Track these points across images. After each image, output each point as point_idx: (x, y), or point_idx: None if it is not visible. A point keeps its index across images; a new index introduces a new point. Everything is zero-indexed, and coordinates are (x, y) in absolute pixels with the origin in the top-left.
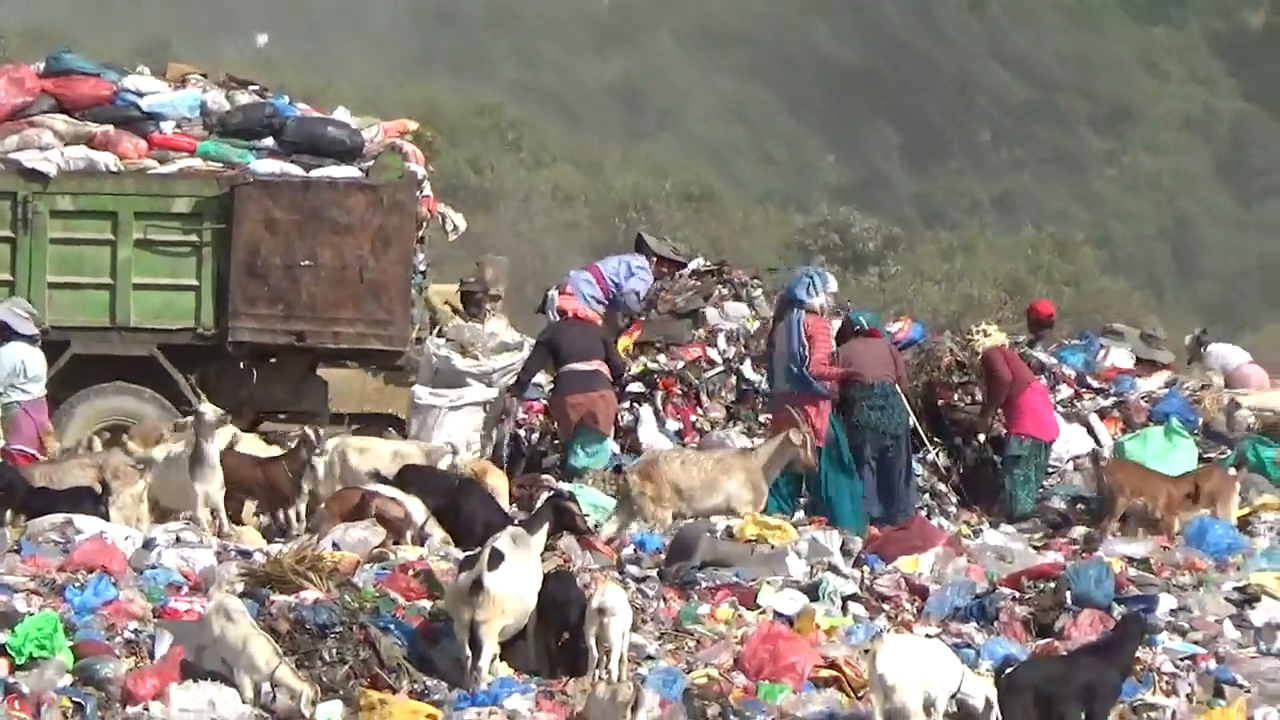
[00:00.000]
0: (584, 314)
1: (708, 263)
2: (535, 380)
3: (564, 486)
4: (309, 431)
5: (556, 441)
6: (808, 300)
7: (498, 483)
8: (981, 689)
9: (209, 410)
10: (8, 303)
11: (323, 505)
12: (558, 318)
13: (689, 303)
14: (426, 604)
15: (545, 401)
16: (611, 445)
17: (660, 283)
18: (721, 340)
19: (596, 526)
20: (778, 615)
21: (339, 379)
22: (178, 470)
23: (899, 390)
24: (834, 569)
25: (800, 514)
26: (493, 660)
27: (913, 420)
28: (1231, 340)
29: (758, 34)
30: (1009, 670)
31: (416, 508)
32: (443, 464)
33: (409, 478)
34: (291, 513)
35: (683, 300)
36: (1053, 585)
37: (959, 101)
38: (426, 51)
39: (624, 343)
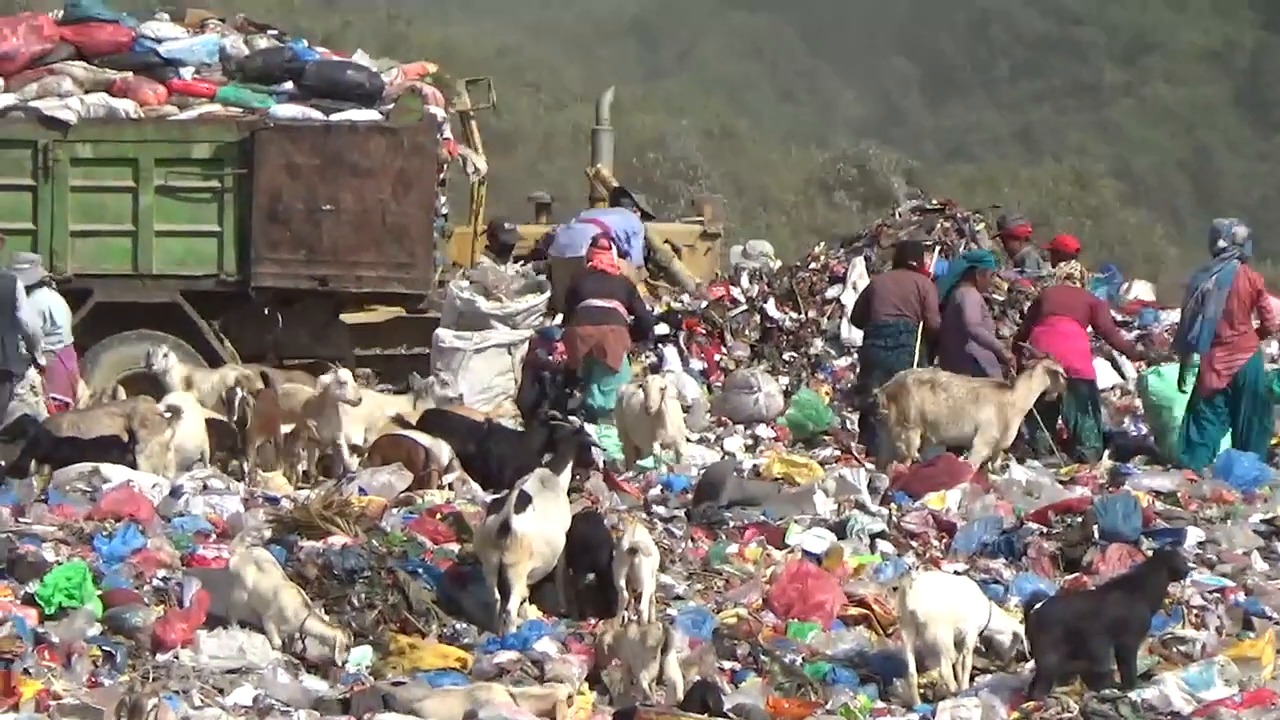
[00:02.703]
0: (614, 269)
1: (934, 200)
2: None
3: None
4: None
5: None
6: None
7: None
8: (1010, 625)
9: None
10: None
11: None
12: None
13: (912, 237)
14: (455, 547)
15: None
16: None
17: (881, 219)
18: (745, 279)
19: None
20: (806, 554)
21: None
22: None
23: (914, 330)
24: (861, 507)
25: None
26: (522, 603)
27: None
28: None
29: None
30: (1037, 606)
31: (443, 451)
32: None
33: (433, 421)
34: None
35: (905, 235)
36: (1080, 520)
37: (976, 35)
38: None
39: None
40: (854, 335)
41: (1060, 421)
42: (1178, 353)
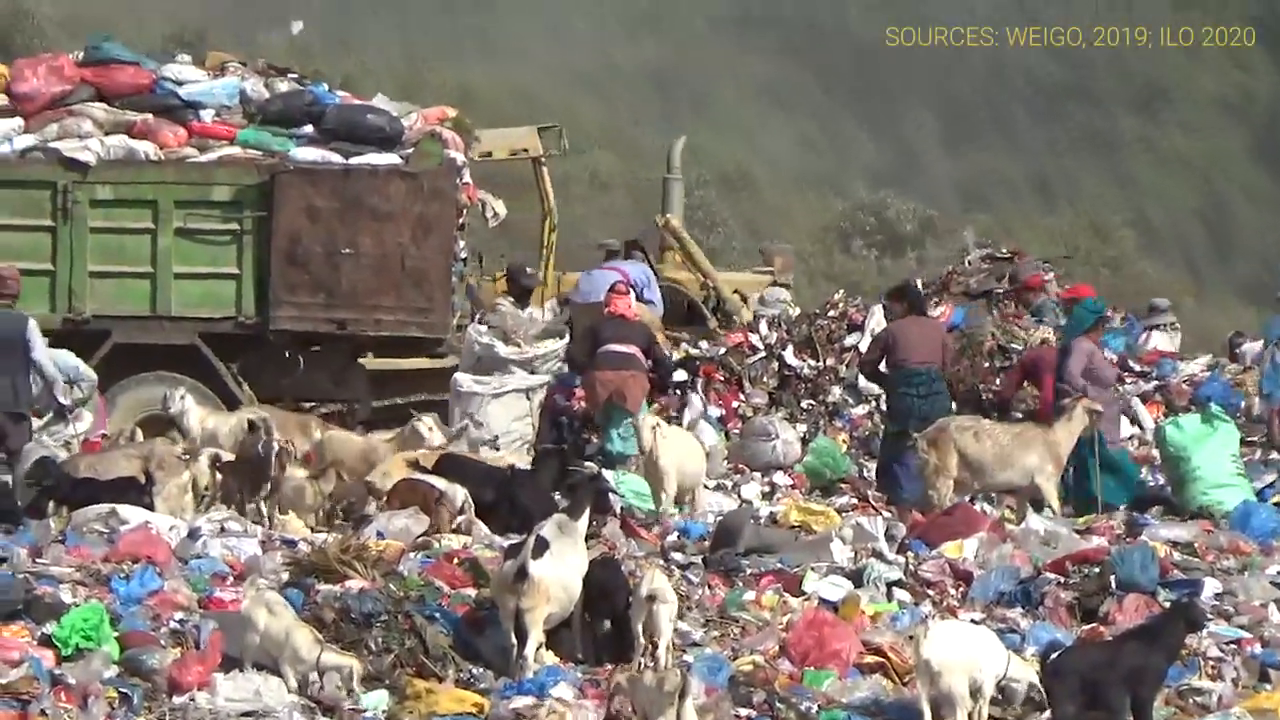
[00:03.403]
0: (633, 315)
1: (1003, 249)
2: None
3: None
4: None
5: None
6: None
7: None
8: (1026, 674)
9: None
10: None
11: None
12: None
13: (981, 285)
14: (472, 592)
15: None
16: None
17: (951, 266)
18: (764, 326)
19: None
20: (822, 601)
21: None
22: None
23: (941, 377)
24: (878, 555)
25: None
26: (538, 648)
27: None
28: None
29: (791, 15)
30: (1054, 655)
31: (458, 495)
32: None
33: (450, 466)
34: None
35: (975, 283)
36: (1097, 570)
37: (994, 84)
38: (459, 36)
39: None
40: (870, 383)
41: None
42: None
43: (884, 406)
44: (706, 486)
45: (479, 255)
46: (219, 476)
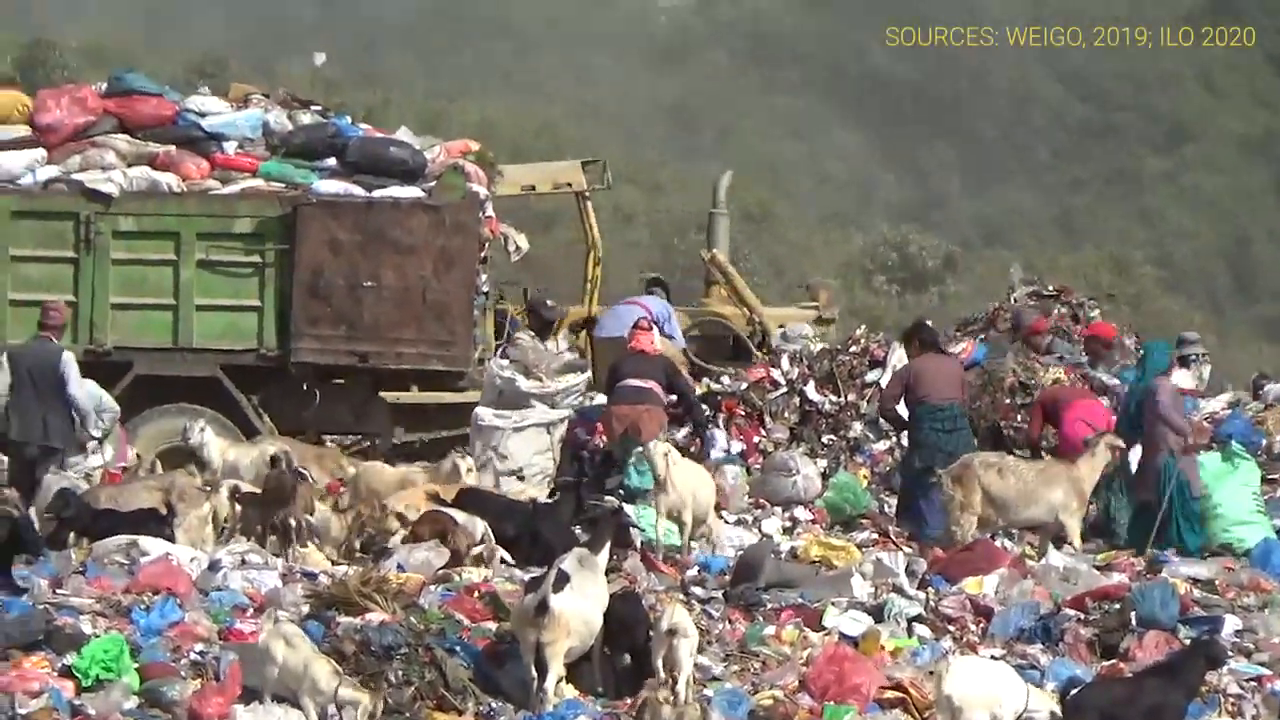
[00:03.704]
0: (654, 350)
1: (1050, 287)
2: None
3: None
4: None
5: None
6: None
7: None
8: (1046, 709)
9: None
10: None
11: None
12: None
13: (1028, 321)
14: (492, 625)
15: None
16: None
17: (998, 303)
18: (785, 361)
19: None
20: (843, 636)
21: None
22: None
23: (964, 413)
24: (899, 590)
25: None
26: (558, 682)
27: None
28: None
29: (814, 52)
30: (1074, 692)
31: (477, 527)
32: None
33: (470, 500)
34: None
35: (1023, 319)
36: (1117, 606)
37: (1017, 120)
38: (482, 69)
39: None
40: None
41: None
42: None
43: (904, 443)
44: (726, 521)
45: (524, 289)
46: (238, 508)
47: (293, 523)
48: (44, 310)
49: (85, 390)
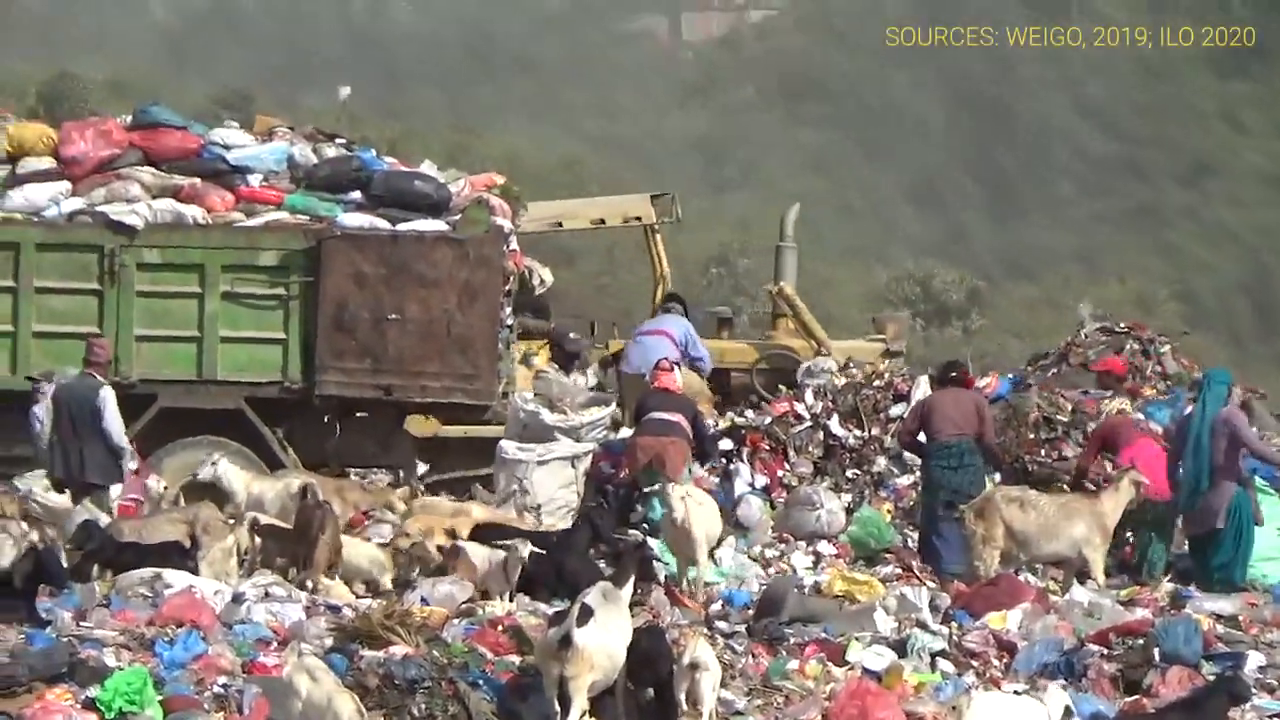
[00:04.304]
0: (678, 390)
1: (1120, 324)
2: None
3: (652, 542)
4: None
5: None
6: None
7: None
8: None
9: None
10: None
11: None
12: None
13: (1099, 356)
14: (515, 659)
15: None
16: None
17: (1070, 338)
18: (809, 395)
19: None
20: (866, 671)
21: None
22: None
23: (976, 449)
24: (922, 625)
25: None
26: (582, 715)
27: (999, 477)
28: None
29: (838, 87)
30: None
31: (486, 556)
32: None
33: (489, 534)
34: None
35: (1094, 354)
36: (1141, 642)
37: (1039, 155)
38: (507, 103)
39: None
40: (911, 454)
41: (1130, 540)
42: None
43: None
44: (753, 559)
45: (591, 324)
46: (258, 541)
47: (317, 555)
48: (89, 346)
49: (119, 425)
